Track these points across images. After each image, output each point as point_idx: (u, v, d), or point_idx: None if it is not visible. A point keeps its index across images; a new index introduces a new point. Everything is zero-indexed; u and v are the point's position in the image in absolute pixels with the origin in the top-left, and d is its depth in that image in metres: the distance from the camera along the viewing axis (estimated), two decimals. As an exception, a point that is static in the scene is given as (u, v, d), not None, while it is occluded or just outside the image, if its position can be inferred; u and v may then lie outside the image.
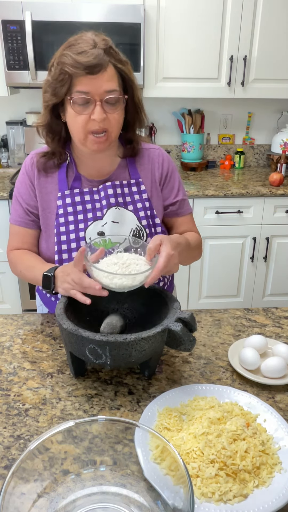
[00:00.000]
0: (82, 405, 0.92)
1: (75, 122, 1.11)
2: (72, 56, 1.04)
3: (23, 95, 2.91)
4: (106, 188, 1.22)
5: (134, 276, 0.93)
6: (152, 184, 1.28)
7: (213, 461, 0.73)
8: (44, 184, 1.24)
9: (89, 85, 1.05)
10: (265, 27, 2.61)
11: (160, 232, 1.27)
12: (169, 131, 3.17)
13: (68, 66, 1.04)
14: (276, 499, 0.70)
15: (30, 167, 1.25)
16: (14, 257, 1.28)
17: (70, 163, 1.24)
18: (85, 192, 1.23)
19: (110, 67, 1.06)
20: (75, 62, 1.03)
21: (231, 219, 2.66)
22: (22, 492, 0.65)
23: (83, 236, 1.21)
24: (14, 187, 1.29)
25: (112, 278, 0.94)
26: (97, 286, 0.94)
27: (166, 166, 1.30)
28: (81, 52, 1.04)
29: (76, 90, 1.06)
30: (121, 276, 0.93)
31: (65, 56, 1.05)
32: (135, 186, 1.26)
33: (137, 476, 0.72)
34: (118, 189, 1.24)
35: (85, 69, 1.03)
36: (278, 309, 1.31)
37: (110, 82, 1.06)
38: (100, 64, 1.03)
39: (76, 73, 1.04)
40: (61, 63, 1.06)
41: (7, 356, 1.08)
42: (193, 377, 1.01)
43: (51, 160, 1.23)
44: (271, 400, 0.93)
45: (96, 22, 2.41)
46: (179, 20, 2.55)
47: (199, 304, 2.86)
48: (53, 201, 1.24)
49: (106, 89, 1.06)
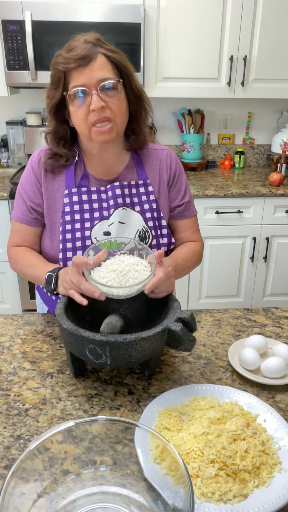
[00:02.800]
0: (82, 405, 0.92)
1: (77, 117, 1.12)
2: (63, 55, 1.08)
3: (23, 95, 2.91)
4: (114, 188, 1.22)
5: (130, 287, 0.94)
6: (160, 185, 1.28)
7: (213, 461, 0.73)
8: (51, 181, 1.24)
9: (82, 77, 1.07)
10: (265, 27, 2.61)
11: (165, 234, 1.26)
12: (169, 131, 3.17)
13: (60, 64, 1.08)
14: (276, 499, 0.70)
15: (37, 163, 1.24)
16: (15, 253, 1.27)
17: (78, 161, 1.24)
18: (93, 191, 1.23)
19: (100, 56, 1.08)
20: (65, 59, 1.07)
21: (231, 219, 2.66)
22: (22, 492, 0.65)
23: (88, 235, 1.21)
24: (19, 183, 1.29)
25: (109, 289, 0.94)
26: (95, 294, 0.95)
27: (174, 167, 1.30)
28: (71, 49, 1.08)
29: (72, 85, 1.09)
30: (117, 287, 0.94)
31: (57, 57, 1.10)
32: (142, 187, 1.25)
33: (137, 476, 0.72)
34: (126, 189, 1.23)
35: (75, 62, 1.06)
36: (278, 309, 1.31)
37: (103, 71, 1.08)
38: (89, 54, 1.06)
39: (68, 68, 1.08)
40: (54, 63, 1.11)
41: (7, 356, 1.08)
42: (193, 377, 1.01)
43: (58, 161, 1.23)
44: (271, 400, 0.93)
45: (96, 22, 2.41)
46: (179, 20, 2.55)
47: (199, 304, 2.86)
48: (60, 199, 1.23)
49: (99, 78, 1.08)
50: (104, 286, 0.94)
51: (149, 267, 0.98)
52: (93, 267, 0.99)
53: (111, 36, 2.44)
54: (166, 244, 1.26)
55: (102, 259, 1.00)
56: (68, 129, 1.19)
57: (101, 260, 1.00)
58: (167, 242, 1.26)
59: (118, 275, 0.96)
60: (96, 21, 2.41)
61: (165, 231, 1.26)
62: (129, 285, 0.94)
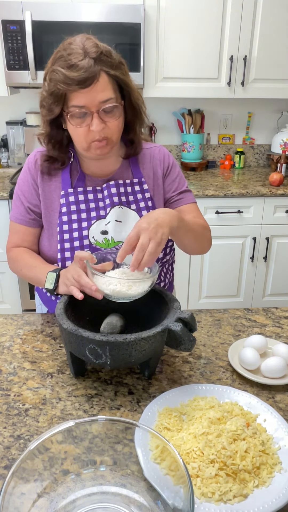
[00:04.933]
0: (82, 405, 0.92)
1: (76, 133, 1.11)
2: (62, 72, 1.02)
3: (23, 95, 2.91)
4: (110, 187, 1.23)
5: (130, 284, 0.94)
6: (154, 182, 1.28)
7: (213, 461, 0.73)
8: (47, 182, 1.24)
9: (83, 98, 1.04)
10: (265, 27, 2.61)
11: None
12: (169, 131, 3.17)
13: (60, 84, 1.03)
14: (276, 499, 0.70)
15: (33, 165, 1.24)
16: (14, 254, 1.28)
17: (74, 161, 1.24)
18: (89, 190, 1.23)
19: (102, 75, 1.04)
20: (66, 79, 1.02)
21: (231, 219, 2.66)
22: (22, 492, 0.65)
23: (86, 235, 1.21)
24: (16, 184, 1.29)
25: (109, 284, 0.95)
26: (93, 287, 0.96)
27: (167, 161, 1.31)
28: (71, 66, 1.02)
29: (72, 104, 1.06)
30: (116, 282, 0.94)
31: (56, 73, 1.04)
32: (137, 185, 1.26)
33: (137, 476, 0.72)
34: (121, 188, 1.24)
35: (77, 84, 1.02)
36: (278, 309, 1.31)
37: (105, 92, 1.05)
38: (92, 76, 1.02)
39: (70, 90, 1.04)
40: (53, 80, 1.05)
41: (7, 356, 1.08)
42: (193, 377, 1.01)
43: (54, 163, 1.23)
44: (271, 400, 0.93)
45: (96, 22, 2.41)
46: (179, 20, 2.55)
47: (199, 304, 2.86)
48: (56, 199, 1.24)
49: (101, 100, 1.05)
50: (106, 277, 0.95)
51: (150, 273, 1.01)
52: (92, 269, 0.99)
53: (111, 36, 2.44)
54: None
55: (108, 269, 1.01)
56: (63, 132, 1.18)
57: (106, 270, 1.01)
58: None
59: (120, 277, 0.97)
60: (96, 21, 2.41)
61: None
62: (133, 278, 0.95)
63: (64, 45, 1.06)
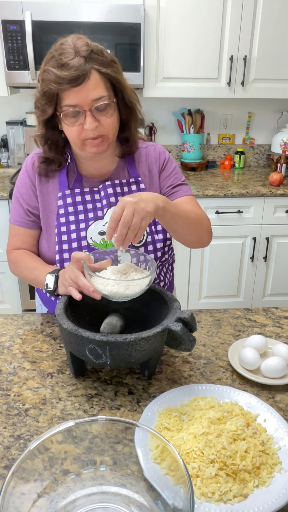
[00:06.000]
0: (82, 405, 0.92)
1: (70, 132, 1.12)
2: (53, 71, 1.03)
3: (23, 95, 2.91)
4: (106, 188, 1.23)
5: (127, 284, 0.94)
6: (150, 180, 1.28)
7: (213, 461, 0.73)
8: (45, 184, 1.25)
9: (75, 97, 1.04)
10: (265, 27, 2.61)
11: (160, 230, 1.26)
12: (169, 131, 3.17)
13: (52, 83, 1.03)
14: (276, 499, 0.70)
15: (31, 167, 1.25)
16: (15, 257, 1.28)
17: (71, 163, 1.24)
18: (86, 192, 1.23)
19: (94, 73, 1.04)
20: (57, 78, 1.02)
21: (231, 219, 2.66)
22: (22, 492, 0.65)
23: (84, 236, 1.21)
24: (15, 186, 1.29)
25: (106, 285, 0.95)
26: (90, 289, 0.96)
27: (163, 157, 1.30)
28: (62, 65, 1.02)
29: (64, 104, 1.07)
30: (113, 283, 0.94)
31: (47, 73, 1.04)
32: (134, 184, 1.26)
33: (137, 476, 0.72)
34: (117, 188, 1.24)
35: (68, 83, 1.02)
36: (278, 309, 1.31)
37: (96, 90, 1.05)
38: (83, 74, 1.02)
39: (61, 90, 1.04)
40: (45, 80, 1.05)
41: (7, 356, 1.08)
42: (193, 377, 1.01)
43: (51, 165, 1.23)
44: (271, 400, 0.93)
45: (96, 22, 2.41)
46: (179, 20, 2.55)
47: (199, 304, 2.86)
48: (54, 201, 1.24)
49: (93, 98, 1.05)
50: (104, 278, 0.95)
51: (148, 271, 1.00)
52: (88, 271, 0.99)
53: (111, 36, 2.44)
54: (162, 240, 1.26)
55: (105, 267, 1.01)
56: (59, 134, 1.18)
57: (103, 268, 1.01)
58: (162, 238, 1.26)
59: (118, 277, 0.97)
60: (96, 21, 2.41)
61: (159, 227, 1.26)
62: (130, 278, 0.95)
63: (56, 45, 1.07)
